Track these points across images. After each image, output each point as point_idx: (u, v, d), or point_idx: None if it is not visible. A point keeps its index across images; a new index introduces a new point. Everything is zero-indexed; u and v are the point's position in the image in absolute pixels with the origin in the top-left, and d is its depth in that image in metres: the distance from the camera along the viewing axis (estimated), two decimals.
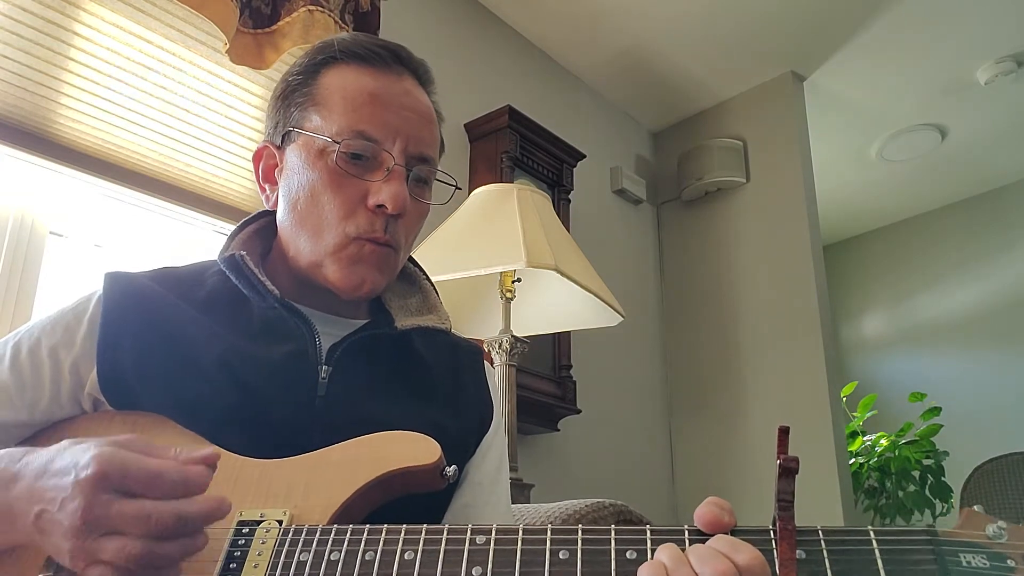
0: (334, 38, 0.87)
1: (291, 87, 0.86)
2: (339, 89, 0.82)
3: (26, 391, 0.77)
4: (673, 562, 0.52)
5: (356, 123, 0.80)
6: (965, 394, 3.69)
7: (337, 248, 0.81)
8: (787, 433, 0.53)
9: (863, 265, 4.35)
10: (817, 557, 0.53)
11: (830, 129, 3.36)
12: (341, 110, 0.81)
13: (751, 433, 2.84)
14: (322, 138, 0.81)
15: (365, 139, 0.80)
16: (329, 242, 0.81)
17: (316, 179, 0.81)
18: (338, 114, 0.81)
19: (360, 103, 0.81)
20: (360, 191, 0.81)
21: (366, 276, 0.81)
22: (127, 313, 0.79)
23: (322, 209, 0.81)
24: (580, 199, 2.75)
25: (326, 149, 0.81)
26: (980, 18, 2.74)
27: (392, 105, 0.82)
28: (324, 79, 0.84)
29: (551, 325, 2.05)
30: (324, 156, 0.81)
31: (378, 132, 0.81)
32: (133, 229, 1.77)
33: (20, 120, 1.54)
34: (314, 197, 0.81)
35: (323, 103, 0.82)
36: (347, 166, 0.80)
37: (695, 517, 0.56)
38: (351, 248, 0.80)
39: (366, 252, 0.81)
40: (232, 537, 0.64)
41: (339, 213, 0.80)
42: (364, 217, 0.80)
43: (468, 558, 0.57)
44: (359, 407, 0.78)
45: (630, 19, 2.76)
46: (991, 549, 0.52)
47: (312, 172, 0.81)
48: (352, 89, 0.82)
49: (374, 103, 0.82)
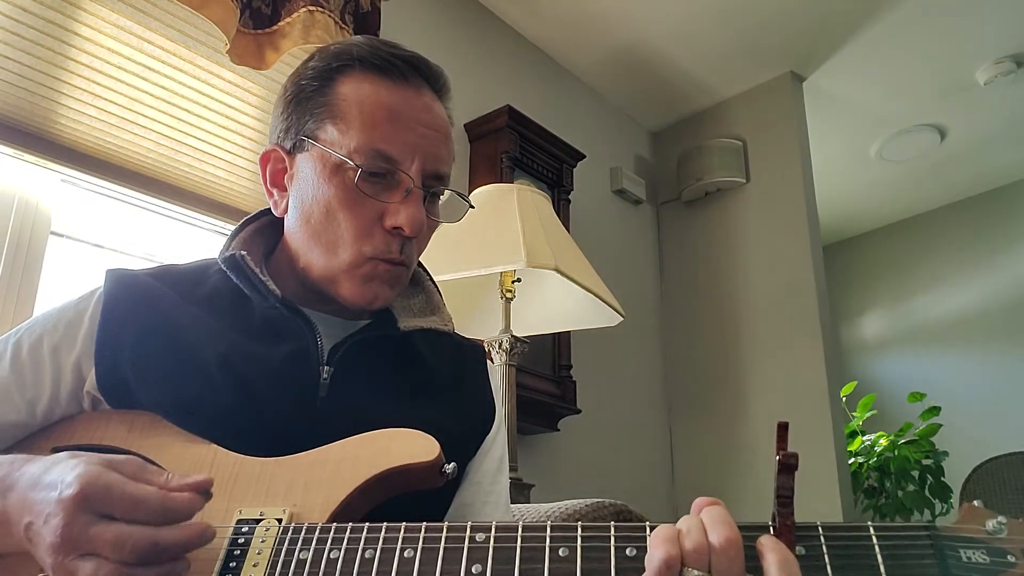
0: (351, 43, 0.85)
1: (305, 92, 0.83)
2: (357, 103, 0.80)
3: (27, 389, 0.77)
4: (687, 524, 0.54)
5: (375, 141, 0.78)
6: (965, 394, 3.69)
7: (352, 266, 0.80)
8: (786, 429, 0.53)
9: (863, 265, 4.35)
10: (817, 553, 0.53)
11: (830, 129, 3.36)
12: (359, 125, 0.79)
13: (751, 433, 2.84)
14: (339, 155, 0.79)
15: (383, 158, 0.79)
16: (344, 259, 0.80)
17: (332, 195, 0.79)
18: (356, 129, 0.79)
19: (379, 119, 0.79)
20: (376, 211, 0.79)
21: (379, 293, 0.81)
22: (128, 311, 0.78)
23: (338, 226, 0.80)
24: (580, 199, 2.75)
25: (343, 166, 0.79)
26: (980, 18, 2.74)
27: (410, 122, 0.81)
28: (341, 88, 0.81)
29: (551, 325, 2.05)
30: (340, 172, 0.79)
31: (396, 151, 0.79)
32: (133, 229, 1.77)
33: (21, 120, 1.54)
34: (329, 213, 0.80)
35: (340, 116, 0.80)
36: (365, 186, 0.78)
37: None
38: (366, 267, 0.80)
39: (380, 271, 0.80)
40: (232, 535, 0.64)
41: (355, 232, 0.79)
42: (380, 238, 0.80)
43: (468, 556, 0.57)
44: (360, 408, 0.78)
45: (630, 19, 2.76)
46: (991, 544, 0.52)
47: (328, 187, 0.80)
48: (370, 103, 0.80)
49: (393, 120, 0.80)
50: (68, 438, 0.76)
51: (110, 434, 0.74)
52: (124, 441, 0.73)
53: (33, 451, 0.75)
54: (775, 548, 0.52)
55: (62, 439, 0.76)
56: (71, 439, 0.75)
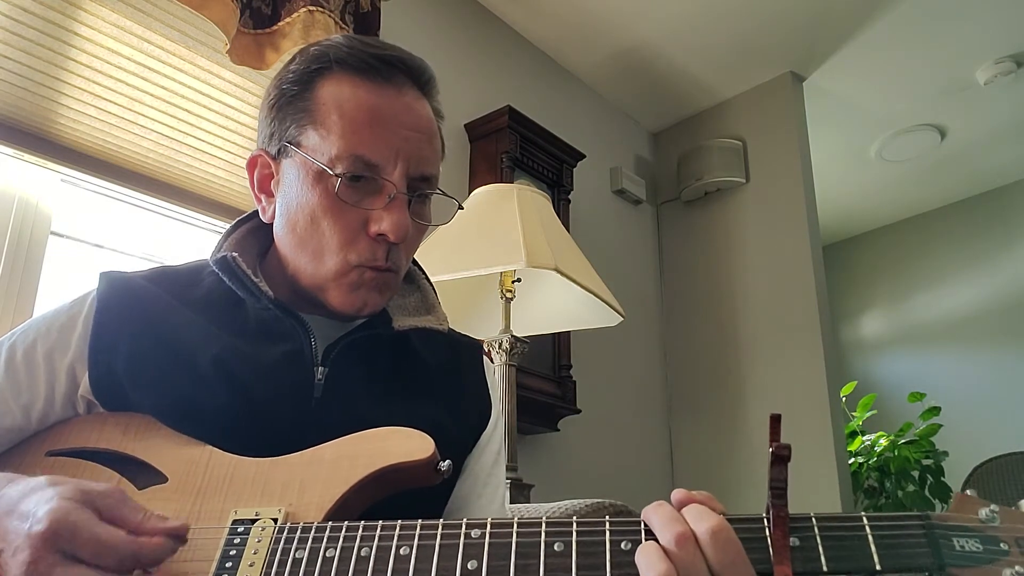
0: (329, 44, 0.83)
1: (285, 97, 0.82)
2: (336, 107, 0.78)
3: (21, 394, 0.76)
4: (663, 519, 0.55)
5: (355, 147, 0.77)
6: (965, 394, 3.69)
7: (338, 275, 0.79)
8: (779, 421, 0.53)
9: (863, 265, 4.35)
10: (811, 544, 0.53)
11: (830, 129, 3.36)
12: (340, 131, 0.77)
13: (751, 433, 2.83)
14: (320, 164, 0.78)
15: (365, 164, 0.77)
16: (330, 268, 0.79)
17: (316, 203, 0.78)
18: (336, 135, 0.77)
19: (359, 124, 0.78)
20: (360, 218, 0.78)
21: (367, 300, 0.81)
22: (121, 314, 0.78)
23: (322, 235, 0.79)
24: (580, 199, 2.75)
25: (324, 173, 0.77)
26: (980, 18, 2.74)
27: (392, 124, 0.79)
28: (320, 92, 0.80)
29: (551, 325, 2.05)
30: (323, 180, 0.78)
31: (378, 156, 0.78)
32: (133, 229, 1.78)
33: (21, 120, 1.55)
34: (314, 221, 0.79)
35: (320, 121, 0.79)
36: (347, 194, 0.77)
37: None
38: (352, 275, 0.79)
39: (367, 278, 0.80)
40: (227, 536, 0.63)
41: (339, 240, 0.79)
42: (365, 245, 0.79)
43: (463, 552, 0.57)
44: (355, 408, 0.78)
45: (630, 19, 2.76)
46: (984, 533, 0.52)
47: (311, 195, 0.78)
48: (350, 107, 0.78)
49: (373, 124, 0.78)
50: (63, 442, 0.75)
51: (105, 437, 0.74)
52: (119, 444, 0.73)
53: (28, 455, 0.76)
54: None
55: (57, 443, 0.75)
56: (66, 443, 0.75)
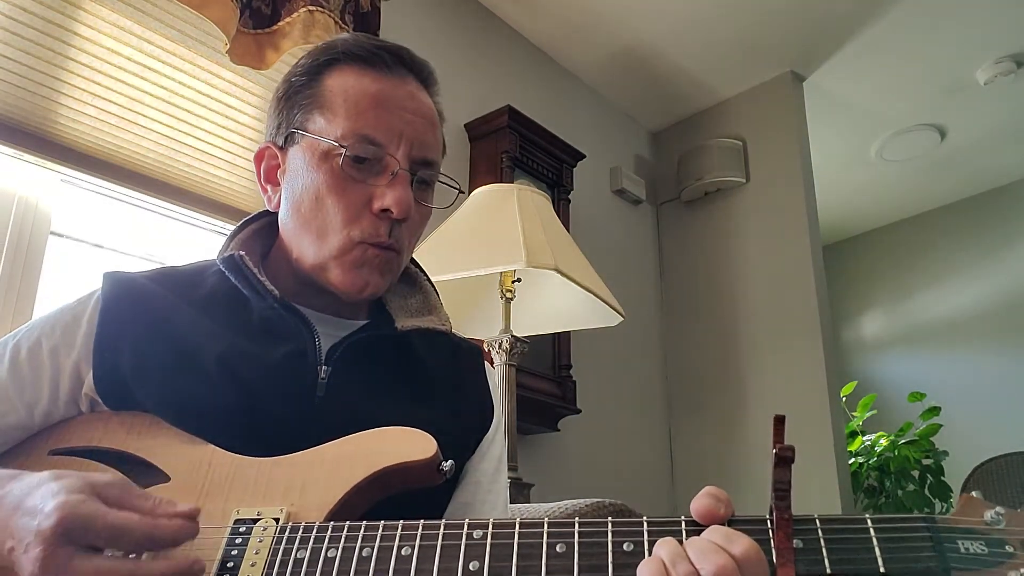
0: (337, 39, 0.87)
1: (294, 88, 0.85)
2: (342, 92, 0.82)
3: (25, 392, 0.77)
4: (672, 556, 0.52)
5: (361, 127, 0.80)
6: (965, 394, 3.69)
7: (341, 252, 0.80)
8: (783, 422, 0.53)
9: (863, 265, 4.35)
10: (814, 546, 0.53)
11: (830, 129, 3.36)
12: (345, 113, 0.81)
13: (751, 433, 2.83)
14: (327, 141, 0.80)
15: (369, 142, 0.80)
16: (333, 245, 0.80)
17: (320, 182, 0.81)
18: (342, 117, 0.80)
19: (364, 106, 0.81)
20: (365, 195, 0.80)
21: (369, 279, 0.81)
22: (125, 313, 0.79)
23: (326, 212, 0.81)
24: (580, 199, 2.75)
25: (330, 152, 0.80)
26: (980, 18, 2.74)
27: (396, 108, 0.82)
28: (328, 81, 0.83)
29: (551, 325, 2.05)
30: (328, 159, 0.80)
31: (382, 136, 0.80)
32: (133, 229, 1.77)
33: (20, 120, 1.54)
34: (318, 200, 0.81)
35: (327, 106, 0.82)
36: (352, 170, 0.80)
37: (691, 508, 0.56)
38: (355, 252, 0.80)
39: (370, 256, 0.81)
40: (229, 536, 0.64)
41: (343, 217, 0.80)
42: (368, 221, 0.80)
43: (465, 552, 0.57)
44: (358, 408, 0.78)
45: (630, 19, 2.76)
46: (989, 535, 0.52)
47: (316, 174, 0.81)
48: (356, 92, 0.82)
49: (378, 106, 0.81)
50: (67, 440, 0.75)
51: (108, 436, 0.74)
52: (122, 443, 0.73)
53: (32, 453, 0.76)
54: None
55: (61, 441, 0.76)
56: (70, 441, 0.75)
